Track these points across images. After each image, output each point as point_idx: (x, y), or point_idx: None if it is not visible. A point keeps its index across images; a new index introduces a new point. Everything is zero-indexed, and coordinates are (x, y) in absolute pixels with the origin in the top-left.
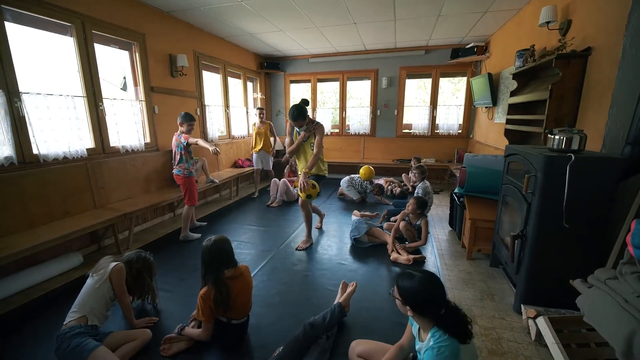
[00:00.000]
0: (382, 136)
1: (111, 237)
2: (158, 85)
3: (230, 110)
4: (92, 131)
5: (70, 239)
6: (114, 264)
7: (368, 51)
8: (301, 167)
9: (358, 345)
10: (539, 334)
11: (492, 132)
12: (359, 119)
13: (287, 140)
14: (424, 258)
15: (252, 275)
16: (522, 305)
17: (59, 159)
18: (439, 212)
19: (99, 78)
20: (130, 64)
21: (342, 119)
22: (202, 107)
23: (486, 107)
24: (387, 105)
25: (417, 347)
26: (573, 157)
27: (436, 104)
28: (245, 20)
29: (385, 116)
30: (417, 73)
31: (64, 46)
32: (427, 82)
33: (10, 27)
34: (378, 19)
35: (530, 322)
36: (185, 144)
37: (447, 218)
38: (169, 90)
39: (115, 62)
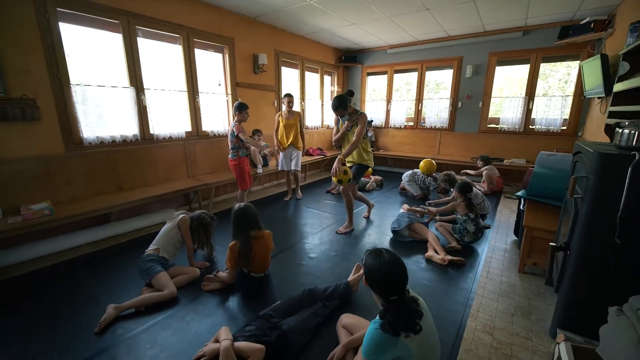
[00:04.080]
0: (461, 131)
1: (197, 202)
2: (242, 81)
3: (306, 102)
4: (190, 118)
5: (168, 197)
6: (182, 215)
7: (451, 37)
8: None
9: (346, 318)
10: None
11: (602, 128)
12: (437, 111)
13: (334, 129)
14: (464, 262)
15: (286, 247)
16: (558, 329)
17: (166, 138)
18: (510, 219)
19: (197, 77)
20: (222, 64)
21: (418, 112)
22: (279, 99)
23: (599, 98)
24: (470, 97)
25: None
26: (638, 156)
27: (533, 95)
28: (318, 17)
29: (468, 109)
30: (510, 59)
31: (173, 52)
32: (524, 69)
33: (140, 41)
34: (451, 1)
35: (556, 347)
36: (235, 135)
37: (514, 226)
38: (252, 85)
39: (215, 64)
